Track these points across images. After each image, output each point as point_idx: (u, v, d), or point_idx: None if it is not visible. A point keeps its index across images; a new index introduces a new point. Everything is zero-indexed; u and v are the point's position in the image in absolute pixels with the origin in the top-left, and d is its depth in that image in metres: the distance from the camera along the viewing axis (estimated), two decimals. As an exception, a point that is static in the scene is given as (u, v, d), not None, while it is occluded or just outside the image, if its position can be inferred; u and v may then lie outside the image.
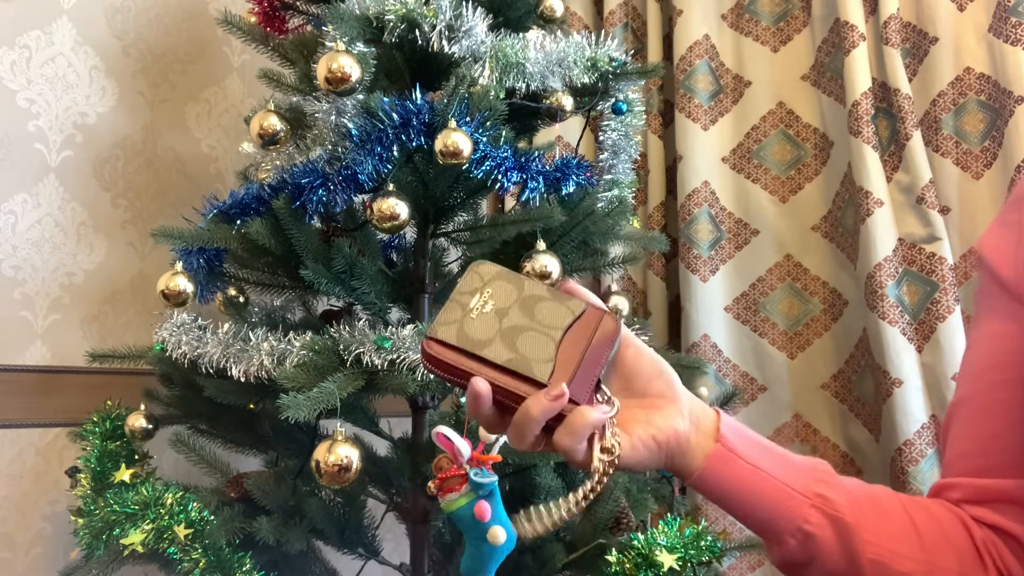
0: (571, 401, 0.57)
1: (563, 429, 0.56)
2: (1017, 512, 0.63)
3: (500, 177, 1.25)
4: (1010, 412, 0.63)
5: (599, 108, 1.51)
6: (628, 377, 0.62)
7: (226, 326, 1.33)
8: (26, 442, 1.58)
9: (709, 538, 1.28)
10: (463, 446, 1.01)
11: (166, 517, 1.27)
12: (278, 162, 1.37)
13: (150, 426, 1.44)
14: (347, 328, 1.23)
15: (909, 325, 1.86)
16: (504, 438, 1.04)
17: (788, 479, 0.62)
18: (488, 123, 1.25)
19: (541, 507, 0.60)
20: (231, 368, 1.26)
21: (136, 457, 1.46)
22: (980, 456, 0.65)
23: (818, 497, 0.62)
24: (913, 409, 1.81)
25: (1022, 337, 0.63)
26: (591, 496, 0.58)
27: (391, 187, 1.26)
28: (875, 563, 0.62)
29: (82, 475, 1.42)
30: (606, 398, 0.60)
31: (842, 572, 0.62)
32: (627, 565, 1.25)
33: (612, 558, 1.26)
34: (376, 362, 1.18)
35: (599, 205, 1.43)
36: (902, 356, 1.83)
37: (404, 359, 1.17)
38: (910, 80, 1.96)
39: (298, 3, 1.62)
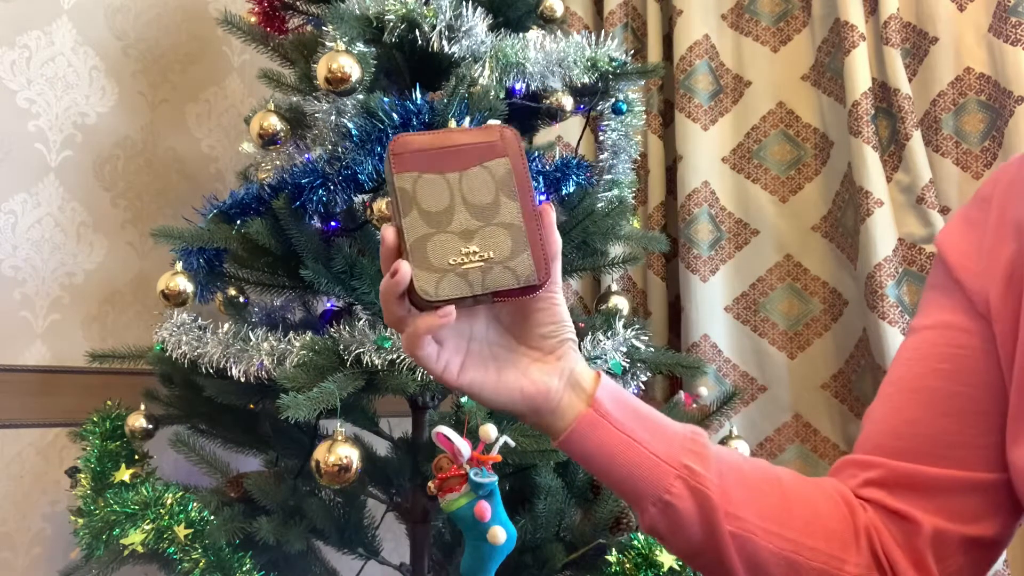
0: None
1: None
2: (917, 500, 0.63)
3: (500, 177, 1.25)
4: (935, 402, 0.64)
5: (599, 108, 1.52)
6: (526, 325, 0.61)
7: (226, 326, 1.33)
8: (26, 442, 1.58)
9: (709, 538, 1.28)
10: (463, 446, 1.01)
11: (166, 517, 1.27)
12: (278, 162, 1.37)
13: (150, 426, 1.44)
14: (347, 328, 1.23)
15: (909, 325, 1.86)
16: (505, 438, 1.04)
17: (658, 448, 0.62)
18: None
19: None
20: (231, 368, 1.27)
21: (136, 457, 1.46)
22: (891, 437, 0.65)
23: (684, 468, 0.61)
24: (913, 409, 1.81)
25: (973, 335, 0.63)
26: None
27: (391, 187, 1.26)
28: (737, 537, 0.61)
29: (82, 475, 1.42)
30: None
31: (702, 544, 0.62)
32: (627, 565, 1.25)
33: (612, 558, 1.27)
34: (376, 362, 1.18)
35: (599, 205, 1.43)
36: (902, 356, 1.83)
37: (404, 359, 1.17)
38: (910, 80, 1.96)
39: (298, 3, 1.62)
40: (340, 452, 1.13)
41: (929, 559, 0.62)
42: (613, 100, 1.49)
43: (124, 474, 1.40)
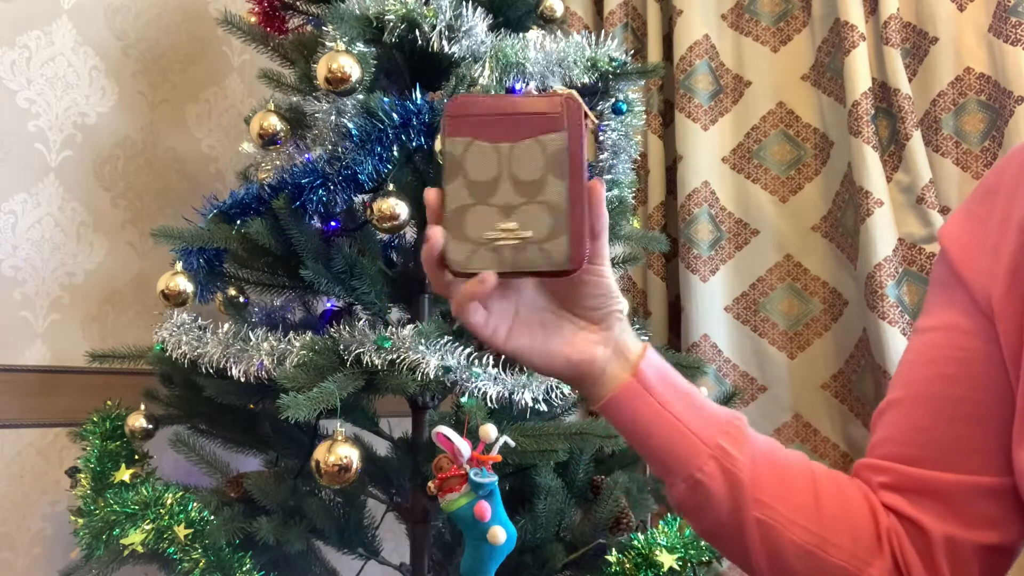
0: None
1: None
2: (931, 506, 0.63)
3: (500, 177, 1.25)
4: (941, 408, 0.63)
5: (599, 108, 1.52)
6: (573, 296, 0.61)
7: (226, 326, 1.33)
8: (26, 442, 1.58)
9: (709, 538, 1.28)
10: (463, 446, 1.01)
11: (166, 517, 1.27)
12: (278, 162, 1.37)
13: (150, 426, 1.44)
14: (347, 328, 1.23)
15: (909, 325, 1.86)
16: (505, 438, 1.04)
17: (695, 426, 0.62)
18: (488, 123, 1.25)
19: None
20: (231, 368, 1.27)
21: (136, 457, 1.46)
22: (903, 445, 0.65)
23: (719, 448, 0.62)
24: (913, 409, 1.81)
25: (976, 336, 0.62)
26: None
27: (391, 187, 1.26)
28: (763, 524, 0.62)
29: (82, 475, 1.42)
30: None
31: (726, 525, 0.63)
32: (627, 565, 1.25)
33: (612, 558, 1.27)
34: (376, 362, 1.18)
35: (599, 205, 1.43)
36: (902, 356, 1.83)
37: (404, 359, 1.17)
38: (910, 80, 1.96)
39: (298, 3, 1.62)
40: (340, 452, 1.13)
41: (944, 568, 0.62)
42: (613, 100, 1.49)
43: (124, 474, 1.40)
